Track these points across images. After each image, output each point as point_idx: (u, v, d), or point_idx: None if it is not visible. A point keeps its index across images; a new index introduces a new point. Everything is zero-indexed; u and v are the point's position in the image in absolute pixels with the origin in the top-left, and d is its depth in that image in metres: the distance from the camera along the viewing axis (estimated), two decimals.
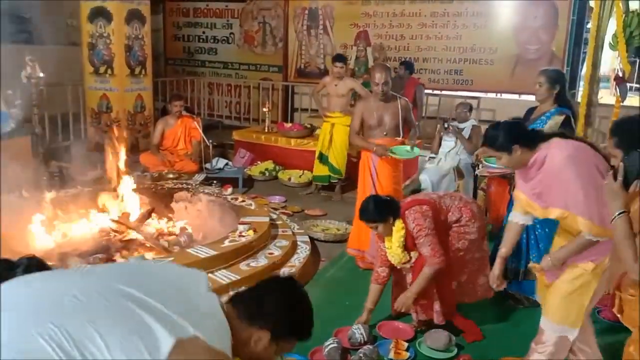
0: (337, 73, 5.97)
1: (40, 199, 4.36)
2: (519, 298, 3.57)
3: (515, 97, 7.88)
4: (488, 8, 7.80)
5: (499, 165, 3.22)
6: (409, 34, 8.35)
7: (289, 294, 1.49)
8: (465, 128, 5.33)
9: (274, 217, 4.88)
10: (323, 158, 6.03)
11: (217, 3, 10.01)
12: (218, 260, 3.68)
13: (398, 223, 3.06)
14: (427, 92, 7.75)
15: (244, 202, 4.89)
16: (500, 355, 2.97)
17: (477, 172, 4.78)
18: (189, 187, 5.33)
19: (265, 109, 7.55)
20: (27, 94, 5.86)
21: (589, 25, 5.74)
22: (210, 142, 6.34)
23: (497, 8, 7.77)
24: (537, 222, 3.13)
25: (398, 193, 4.10)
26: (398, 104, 4.11)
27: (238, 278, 3.57)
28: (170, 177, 6.02)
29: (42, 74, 5.90)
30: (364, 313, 3.19)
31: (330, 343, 2.88)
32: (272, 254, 4.00)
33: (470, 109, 5.56)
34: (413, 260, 3.13)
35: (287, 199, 5.87)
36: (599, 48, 5.12)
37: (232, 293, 1.49)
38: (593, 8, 5.26)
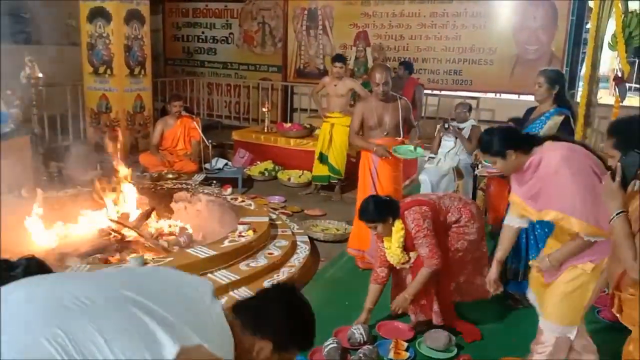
0: (336, 73, 5.97)
1: (40, 199, 4.36)
2: (519, 298, 3.57)
3: (515, 97, 7.88)
4: (487, 8, 7.81)
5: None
6: (409, 34, 8.36)
7: (291, 304, 1.49)
8: (465, 128, 5.33)
9: (274, 217, 4.88)
10: (323, 158, 6.04)
11: (216, 3, 10.01)
12: (218, 261, 3.68)
13: (397, 223, 3.07)
14: (426, 92, 7.76)
15: (244, 202, 4.89)
16: (500, 355, 2.97)
17: (476, 172, 4.78)
18: (189, 187, 5.34)
19: (265, 109, 7.55)
20: (26, 94, 5.85)
21: (588, 26, 5.74)
22: (210, 142, 6.34)
23: (496, 8, 7.78)
24: (536, 222, 3.13)
25: (398, 193, 4.10)
26: (398, 104, 4.11)
27: (238, 278, 3.58)
28: (170, 177, 6.02)
29: (41, 74, 5.89)
30: (363, 313, 3.20)
31: (330, 343, 2.88)
32: (271, 254, 4.01)
33: (470, 109, 5.56)
34: (412, 261, 3.13)
35: (286, 199, 5.87)
36: (598, 48, 5.12)
37: (235, 301, 1.49)
38: (592, 8, 5.26)
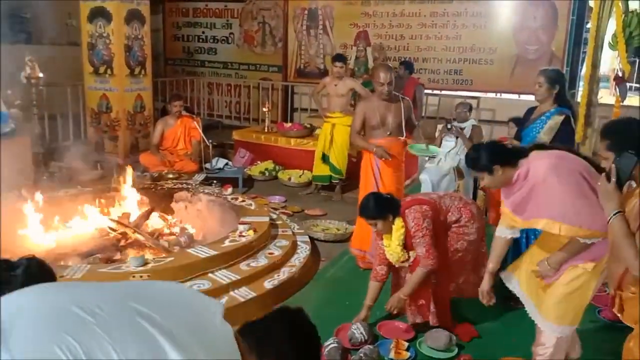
0: (337, 73, 5.97)
1: (40, 199, 4.36)
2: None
3: (515, 97, 7.87)
4: (488, 8, 7.80)
5: None
6: (409, 34, 8.36)
7: (298, 329, 1.48)
8: (466, 128, 5.34)
9: (274, 217, 4.88)
10: (325, 158, 6.04)
11: (216, 3, 10.01)
12: (218, 260, 3.68)
13: (398, 221, 3.07)
14: (426, 92, 7.76)
15: (244, 202, 4.89)
16: (500, 355, 2.97)
17: None
18: (189, 187, 5.33)
19: (265, 109, 7.55)
20: (26, 94, 5.86)
21: (589, 25, 5.73)
22: (210, 142, 6.34)
23: (496, 8, 7.77)
24: None
25: (400, 193, 4.10)
26: (401, 104, 4.11)
27: (238, 278, 3.57)
28: (170, 177, 6.01)
29: (41, 74, 5.89)
30: (363, 310, 3.20)
31: (331, 343, 2.88)
32: (272, 254, 4.00)
33: (470, 109, 5.56)
34: (411, 260, 3.13)
35: (287, 199, 5.87)
36: (599, 48, 5.12)
37: (241, 324, 1.48)
38: (592, 8, 5.26)
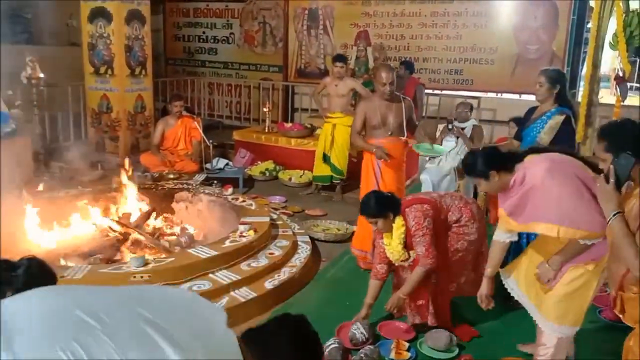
0: (337, 73, 5.96)
1: (41, 199, 4.36)
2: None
3: (516, 96, 7.88)
4: (488, 8, 7.80)
5: None
6: (409, 34, 8.35)
7: (301, 336, 1.48)
8: (466, 128, 5.34)
9: (275, 217, 4.88)
10: (326, 158, 6.04)
11: (217, 3, 10.02)
12: (219, 261, 3.68)
13: (398, 220, 3.07)
14: (427, 92, 7.75)
15: (245, 202, 4.89)
16: (501, 355, 2.97)
17: None
18: (190, 187, 5.33)
19: (266, 109, 7.55)
20: (27, 95, 5.86)
21: (589, 25, 5.73)
22: (211, 142, 6.34)
23: (497, 8, 7.76)
24: None
25: (401, 193, 4.09)
26: (402, 104, 4.11)
27: (239, 278, 3.58)
28: (171, 177, 6.01)
29: (42, 74, 5.90)
30: (364, 308, 3.20)
31: (332, 343, 2.88)
32: (272, 254, 4.00)
33: (471, 109, 5.56)
34: (411, 259, 3.13)
35: (287, 199, 5.87)
36: (600, 48, 5.12)
37: (243, 331, 1.48)
38: (593, 8, 5.26)
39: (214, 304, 1.55)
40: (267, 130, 7.34)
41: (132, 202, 4.65)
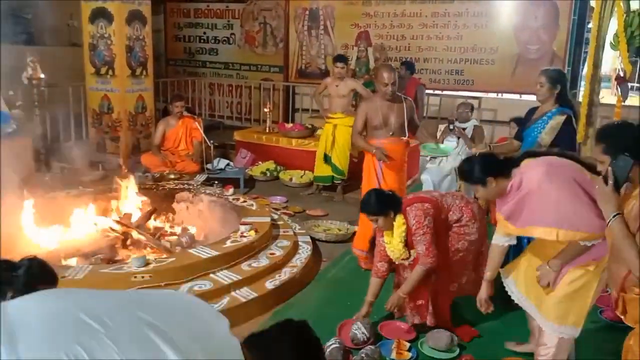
0: (338, 73, 5.96)
1: (42, 199, 4.36)
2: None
3: (516, 97, 7.88)
4: (489, 8, 7.81)
5: None
6: (410, 34, 8.36)
7: (303, 343, 1.47)
8: (467, 128, 5.34)
9: (275, 217, 4.88)
10: (327, 159, 6.04)
11: (218, 4, 10.03)
12: (220, 261, 3.68)
13: (399, 218, 3.07)
14: (428, 92, 7.76)
15: (245, 202, 4.89)
16: (502, 355, 2.97)
17: None
18: (191, 187, 5.34)
19: (266, 110, 7.55)
20: (28, 95, 5.87)
21: (590, 25, 5.73)
22: (212, 142, 6.34)
23: (497, 8, 7.77)
24: None
25: (403, 193, 4.09)
26: (404, 105, 4.11)
27: (240, 278, 3.58)
28: (172, 177, 6.02)
29: (43, 75, 5.91)
30: (365, 306, 3.20)
31: (332, 343, 2.87)
32: (273, 255, 4.01)
33: (472, 109, 5.56)
34: (411, 259, 3.13)
35: (288, 200, 5.87)
36: (600, 48, 5.11)
37: (246, 335, 1.48)
38: (594, 8, 5.26)
39: (216, 310, 1.55)
40: (267, 131, 7.35)
41: (132, 202, 4.65)
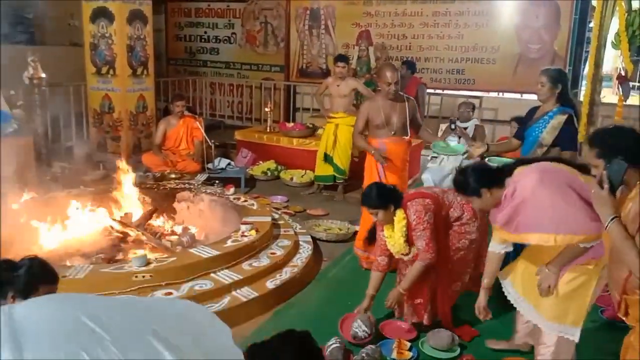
0: (339, 73, 5.96)
1: (43, 199, 4.37)
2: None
3: (517, 96, 7.89)
4: (490, 7, 7.80)
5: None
6: (411, 34, 8.36)
7: (305, 353, 1.48)
8: (469, 127, 5.34)
9: (276, 217, 4.87)
10: (328, 158, 6.03)
11: (218, 3, 10.03)
12: (220, 260, 3.68)
13: (399, 213, 3.07)
14: (429, 91, 7.76)
15: (246, 202, 4.89)
16: (502, 355, 2.97)
17: None
18: (191, 187, 5.34)
19: (267, 109, 7.55)
20: (29, 95, 5.87)
21: (591, 25, 5.72)
22: (212, 142, 6.34)
23: (499, 7, 7.76)
24: None
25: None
26: (406, 104, 4.10)
27: (240, 278, 3.58)
28: (173, 177, 6.01)
29: (44, 75, 5.91)
30: (366, 299, 3.20)
31: (333, 343, 2.87)
32: (274, 254, 4.01)
33: (473, 109, 5.56)
34: (412, 255, 3.13)
35: (289, 199, 5.87)
36: (602, 47, 5.11)
37: (248, 346, 1.48)
38: (595, 7, 5.26)
39: (220, 320, 1.55)
40: (268, 130, 7.35)
41: (133, 202, 4.66)
